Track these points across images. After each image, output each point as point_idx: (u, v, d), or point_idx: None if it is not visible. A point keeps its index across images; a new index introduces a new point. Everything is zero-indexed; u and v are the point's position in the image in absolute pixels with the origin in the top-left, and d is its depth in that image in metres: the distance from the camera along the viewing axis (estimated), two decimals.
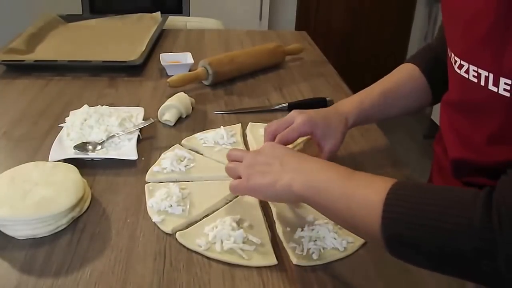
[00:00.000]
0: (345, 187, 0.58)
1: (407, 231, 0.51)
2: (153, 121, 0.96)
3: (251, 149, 0.92)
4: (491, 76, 0.64)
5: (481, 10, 0.64)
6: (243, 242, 0.66)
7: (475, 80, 0.68)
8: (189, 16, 2.74)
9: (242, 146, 0.92)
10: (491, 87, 0.64)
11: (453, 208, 0.49)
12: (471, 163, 0.74)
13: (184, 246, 0.66)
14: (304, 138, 0.96)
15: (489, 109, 0.67)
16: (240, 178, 0.67)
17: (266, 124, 1.00)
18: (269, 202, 0.77)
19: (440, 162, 0.87)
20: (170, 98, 1.02)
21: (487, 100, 0.66)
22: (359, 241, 0.68)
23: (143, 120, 0.96)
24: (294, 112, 0.79)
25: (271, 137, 0.77)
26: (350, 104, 0.86)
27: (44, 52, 1.38)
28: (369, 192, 0.55)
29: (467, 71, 0.69)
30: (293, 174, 0.61)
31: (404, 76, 0.91)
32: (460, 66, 0.71)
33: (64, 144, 0.87)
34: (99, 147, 0.86)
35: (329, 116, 0.81)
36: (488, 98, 0.65)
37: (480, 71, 0.66)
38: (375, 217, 0.53)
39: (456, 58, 0.72)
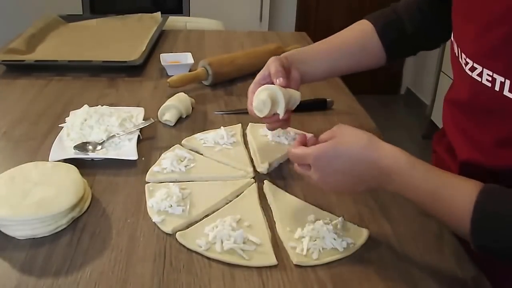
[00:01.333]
0: (434, 185, 0.59)
1: (496, 244, 0.54)
2: (153, 121, 0.96)
3: (250, 149, 0.92)
4: (507, 82, 0.63)
5: (501, 14, 0.62)
6: (243, 242, 0.66)
7: (489, 84, 0.66)
8: (189, 16, 2.74)
9: (242, 146, 0.92)
10: (506, 93, 0.63)
11: None
12: (480, 166, 0.73)
13: (184, 246, 0.66)
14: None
15: (501, 114, 0.66)
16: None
17: (266, 124, 1.00)
18: (269, 200, 0.77)
19: (442, 163, 0.86)
20: (170, 98, 1.02)
21: (501, 106, 0.64)
22: (359, 241, 0.68)
23: (143, 120, 0.96)
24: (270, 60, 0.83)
25: (256, 86, 0.80)
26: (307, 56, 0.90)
27: (45, 52, 1.38)
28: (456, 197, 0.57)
29: (480, 75, 0.67)
30: (382, 180, 0.63)
31: (356, 35, 0.93)
32: (472, 68, 0.69)
33: (64, 144, 0.87)
34: (99, 147, 0.86)
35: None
36: (502, 103, 0.64)
37: (495, 76, 0.64)
38: (464, 224, 0.55)
39: (468, 60, 0.70)
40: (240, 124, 1.00)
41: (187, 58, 1.32)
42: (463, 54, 0.72)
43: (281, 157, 0.89)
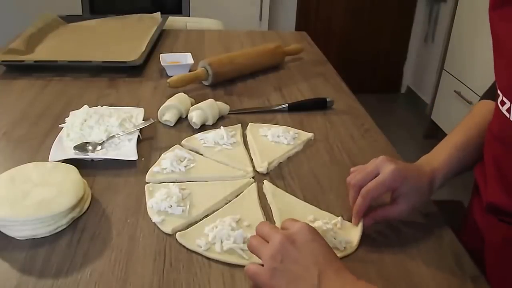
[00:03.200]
0: None
1: None
2: (153, 121, 0.96)
3: (250, 150, 0.92)
4: None
5: None
6: (243, 242, 0.66)
7: None
8: (189, 16, 2.74)
9: (242, 147, 0.92)
10: None
11: None
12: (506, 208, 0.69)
13: (184, 247, 0.66)
14: (305, 139, 0.96)
15: None
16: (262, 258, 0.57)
17: (266, 124, 1.01)
18: (268, 200, 0.77)
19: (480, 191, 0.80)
20: (170, 99, 1.02)
21: None
22: (357, 240, 0.68)
23: (143, 120, 0.96)
24: (381, 160, 0.68)
25: (356, 189, 0.68)
26: (436, 162, 0.74)
27: (44, 52, 1.38)
28: None
29: (508, 110, 0.63)
30: None
31: (485, 116, 0.78)
32: (502, 103, 0.65)
33: (64, 145, 0.87)
34: (99, 147, 0.86)
35: (420, 176, 0.70)
36: None
37: None
38: None
39: (499, 92, 0.66)
40: (240, 124, 1.00)
41: (187, 58, 1.32)
42: (497, 84, 0.67)
43: (280, 157, 0.89)
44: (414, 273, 0.63)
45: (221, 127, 0.95)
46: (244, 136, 0.97)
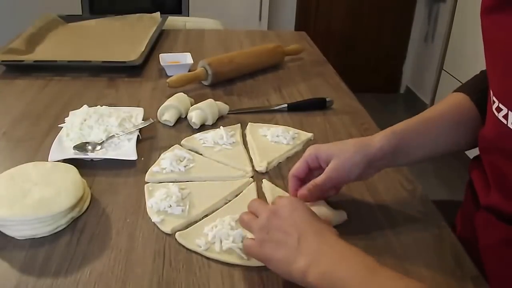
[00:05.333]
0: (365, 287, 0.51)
1: None
2: (152, 121, 0.96)
3: (250, 150, 0.92)
4: None
5: None
6: (242, 242, 0.66)
7: None
8: (188, 16, 2.74)
9: (241, 146, 0.92)
10: None
11: None
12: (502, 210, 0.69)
13: (183, 246, 0.66)
14: (304, 139, 0.96)
15: None
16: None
17: (265, 124, 1.01)
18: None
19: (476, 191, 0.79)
20: (169, 98, 1.02)
21: None
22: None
23: (142, 120, 0.96)
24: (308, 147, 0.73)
25: (293, 180, 0.72)
26: (379, 133, 0.74)
27: (44, 52, 1.38)
28: None
29: (505, 117, 0.62)
30: (310, 259, 0.55)
31: (450, 105, 0.78)
32: (498, 109, 0.64)
33: (64, 145, 0.87)
34: (98, 147, 0.86)
35: (344, 142, 0.72)
36: None
37: None
38: None
39: (495, 99, 0.65)
40: (239, 124, 1.00)
41: (187, 58, 1.32)
42: (491, 91, 0.67)
43: (279, 157, 0.89)
44: (414, 274, 0.63)
45: (221, 127, 0.96)
46: (243, 136, 0.97)
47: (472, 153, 0.81)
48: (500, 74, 0.64)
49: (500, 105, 0.64)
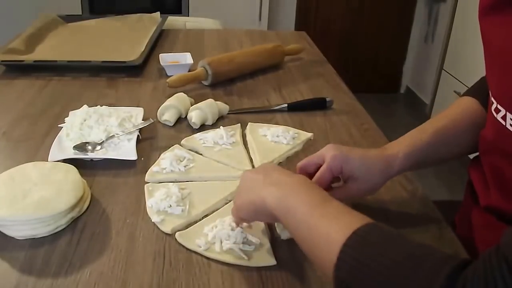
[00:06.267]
0: (311, 214, 0.54)
1: (355, 280, 0.47)
2: (152, 121, 0.96)
3: (250, 150, 0.92)
4: None
5: None
6: (243, 242, 0.66)
7: None
8: (188, 16, 2.74)
9: (241, 146, 0.92)
10: None
11: (412, 271, 0.44)
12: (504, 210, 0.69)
13: (183, 246, 0.66)
14: (304, 139, 0.96)
15: None
16: None
17: (265, 124, 1.01)
18: None
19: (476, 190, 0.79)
20: (169, 98, 1.02)
21: None
22: None
23: (142, 120, 0.96)
24: (328, 146, 0.70)
25: (300, 172, 0.71)
26: (397, 145, 0.74)
27: (44, 52, 1.38)
28: (333, 227, 0.51)
29: (503, 118, 0.63)
30: (271, 188, 0.59)
31: (462, 110, 0.79)
32: (497, 110, 0.64)
33: (64, 145, 0.87)
34: (98, 147, 0.86)
35: (368, 155, 0.70)
36: None
37: None
38: (331, 256, 0.49)
39: (493, 100, 0.65)
40: (239, 124, 1.00)
41: (187, 58, 1.32)
42: (490, 92, 0.67)
43: (280, 157, 0.89)
44: None
45: (221, 127, 0.96)
46: (243, 136, 0.97)
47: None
48: (498, 75, 0.64)
49: (499, 106, 0.64)
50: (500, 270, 0.41)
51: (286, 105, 1.09)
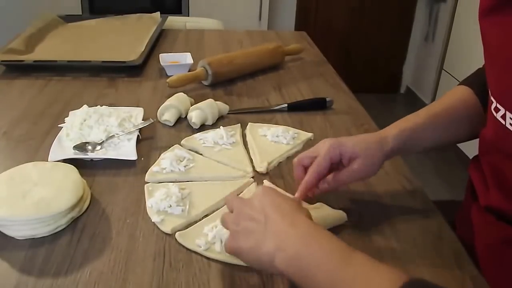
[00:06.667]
0: (336, 276, 0.47)
1: None
2: (152, 121, 0.96)
3: (250, 150, 0.92)
4: None
5: None
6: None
7: None
8: (188, 16, 2.74)
9: (241, 146, 0.92)
10: None
11: None
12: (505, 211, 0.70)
13: (183, 246, 0.66)
14: (304, 138, 0.96)
15: None
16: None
17: (265, 124, 1.01)
18: None
19: (477, 189, 0.80)
20: (169, 98, 1.02)
21: None
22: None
23: (142, 120, 0.96)
24: (321, 141, 0.72)
25: (299, 169, 0.72)
26: (390, 128, 0.76)
27: (44, 52, 1.38)
28: None
29: (503, 117, 0.63)
30: (277, 243, 0.52)
31: (456, 99, 0.80)
32: (497, 109, 0.65)
33: (64, 144, 0.87)
34: (98, 147, 0.86)
35: (361, 136, 0.73)
36: None
37: None
38: None
39: (493, 99, 0.66)
40: (239, 124, 1.00)
41: (187, 58, 1.32)
42: (490, 91, 0.67)
43: (280, 157, 0.89)
44: (413, 273, 0.63)
45: (221, 127, 0.95)
46: (243, 136, 0.97)
47: (472, 153, 0.81)
48: (498, 74, 0.65)
49: (498, 105, 0.64)
50: None
51: (286, 105, 1.09)
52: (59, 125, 0.96)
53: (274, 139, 0.93)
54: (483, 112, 0.76)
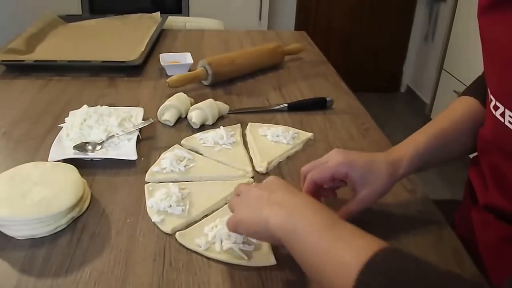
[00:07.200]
0: (320, 237, 0.51)
1: None
2: (152, 121, 0.96)
3: (250, 149, 0.92)
4: None
5: None
6: (243, 242, 0.66)
7: (511, 127, 0.61)
8: (188, 16, 2.74)
9: (241, 146, 0.92)
10: None
11: None
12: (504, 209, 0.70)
13: (183, 246, 0.66)
14: (305, 138, 0.96)
15: None
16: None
17: (265, 124, 1.01)
18: None
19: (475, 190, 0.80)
20: (169, 98, 1.02)
21: None
22: None
23: (142, 120, 0.96)
24: (333, 151, 0.69)
25: (303, 176, 0.70)
26: (402, 149, 0.73)
27: (44, 52, 1.38)
28: (348, 252, 0.48)
29: (502, 115, 0.63)
30: (273, 209, 0.56)
31: (463, 112, 0.79)
32: (496, 107, 0.65)
33: (64, 144, 0.87)
34: (98, 147, 0.86)
35: (374, 160, 0.69)
36: None
37: None
38: (347, 282, 0.45)
39: (492, 97, 0.66)
40: (239, 124, 1.00)
41: (187, 58, 1.32)
42: (489, 90, 0.67)
43: (280, 157, 0.89)
44: None
45: (221, 126, 0.95)
46: (243, 136, 0.97)
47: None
48: (497, 71, 0.64)
49: (497, 103, 0.64)
50: None
51: (286, 105, 1.09)
52: (59, 125, 0.96)
53: (274, 139, 0.93)
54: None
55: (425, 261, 0.46)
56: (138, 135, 0.91)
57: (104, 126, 0.90)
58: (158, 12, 1.72)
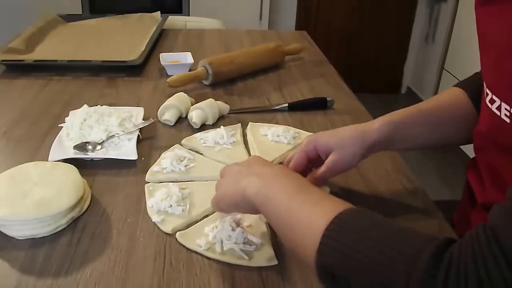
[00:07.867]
0: (291, 201, 0.54)
1: (339, 264, 0.46)
2: (153, 121, 0.96)
3: (250, 149, 0.92)
4: None
5: None
6: (243, 242, 0.66)
7: (508, 120, 0.60)
8: (189, 15, 2.74)
9: (242, 146, 0.92)
10: None
11: (396, 251, 0.44)
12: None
13: (184, 246, 0.66)
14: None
15: None
16: None
17: (266, 124, 1.01)
18: None
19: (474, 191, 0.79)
20: (170, 98, 1.02)
21: None
22: None
23: (143, 120, 0.96)
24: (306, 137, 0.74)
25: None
26: (377, 120, 0.74)
27: (44, 52, 1.38)
28: (315, 213, 0.51)
29: (498, 108, 0.63)
30: (251, 177, 0.59)
31: (449, 98, 0.79)
32: (492, 101, 0.64)
33: (64, 144, 0.87)
34: (99, 147, 0.86)
35: (339, 129, 0.73)
36: None
37: None
38: (313, 241, 0.49)
39: (488, 91, 0.65)
40: (240, 124, 1.00)
41: (187, 57, 1.32)
42: (485, 83, 0.67)
43: (280, 157, 0.89)
44: None
45: (221, 126, 0.95)
46: (244, 136, 0.97)
47: (473, 153, 0.81)
48: (493, 64, 0.64)
49: (493, 97, 0.64)
50: (488, 246, 0.41)
51: (286, 104, 1.09)
52: (59, 125, 0.95)
53: (275, 139, 0.93)
54: (476, 114, 0.75)
55: (386, 218, 0.49)
56: (138, 135, 0.91)
57: (104, 126, 0.90)
58: (159, 12, 1.72)
